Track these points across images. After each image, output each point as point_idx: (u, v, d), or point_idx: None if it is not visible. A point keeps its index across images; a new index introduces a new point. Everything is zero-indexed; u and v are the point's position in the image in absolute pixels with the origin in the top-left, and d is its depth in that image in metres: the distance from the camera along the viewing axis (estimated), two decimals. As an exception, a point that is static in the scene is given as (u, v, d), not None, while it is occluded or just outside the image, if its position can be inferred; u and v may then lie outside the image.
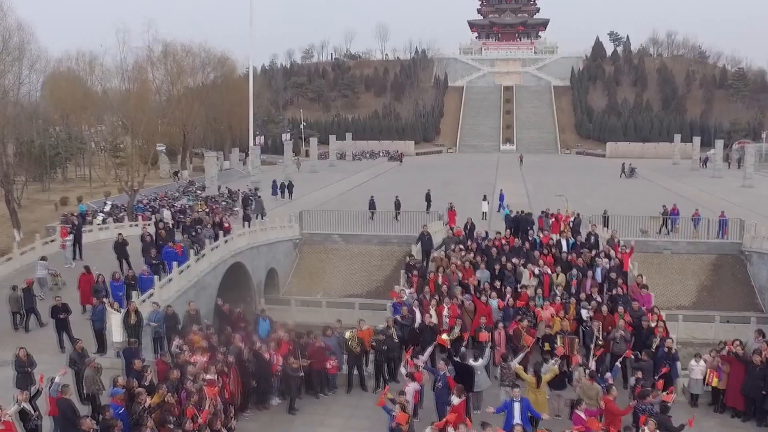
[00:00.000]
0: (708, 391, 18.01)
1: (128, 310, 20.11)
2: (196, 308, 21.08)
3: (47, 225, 44.59)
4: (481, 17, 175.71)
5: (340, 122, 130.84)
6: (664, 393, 15.31)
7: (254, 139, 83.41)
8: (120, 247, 28.38)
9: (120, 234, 29.72)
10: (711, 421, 17.28)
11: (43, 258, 28.43)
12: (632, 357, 17.83)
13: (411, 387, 15.84)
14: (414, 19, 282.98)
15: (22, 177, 53.53)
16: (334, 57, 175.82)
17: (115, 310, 20.68)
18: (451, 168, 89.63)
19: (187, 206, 46.08)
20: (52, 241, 32.89)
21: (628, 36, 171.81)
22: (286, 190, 58.81)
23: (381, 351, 18.53)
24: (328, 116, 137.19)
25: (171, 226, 32.66)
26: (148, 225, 38.85)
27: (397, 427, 13.98)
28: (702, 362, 17.98)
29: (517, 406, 14.17)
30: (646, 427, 13.46)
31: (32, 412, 15.01)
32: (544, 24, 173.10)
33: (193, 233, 30.17)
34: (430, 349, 18.24)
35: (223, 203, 51.12)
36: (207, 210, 46.84)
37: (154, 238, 28.33)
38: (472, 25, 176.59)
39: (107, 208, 48.12)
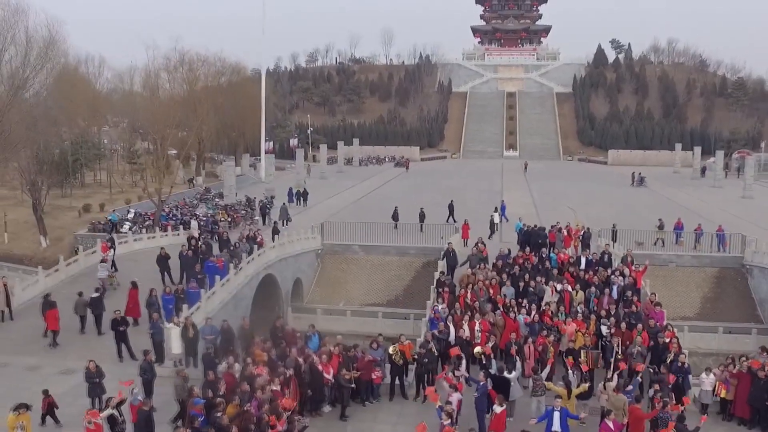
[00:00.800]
0: (717, 401, 19.96)
1: (185, 324, 22.00)
2: (249, 323, 22.99)
3: (77, 233, 46.29)
4: (484, 23, 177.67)
5: (346, 127, 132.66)
6: (680, 405, 17.26)
7: (265, 145, 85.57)
8: (163, 261, 30.35)
9: (162, 248, 31.63)
10: (719, 429, 19.22)
11: (103, 260, 30.56)
12: (650, 371, 19.79)
13: (455, 396, 17.74)
14: (418, 24, 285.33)
15: (45, 184, 55.24)
16: (338, 61, 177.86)
17: (174, 324, 22.50)
18: (458, 175, 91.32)
19: (214, 217, 47.76)
20: (93, 252, 34.72)
21: (629, 44, 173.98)
22: (301, 198, 60.70)
23: (422, 363, 20.49)
24: (334, 121, 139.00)
25: (208, 240, 34.60)
26: (177, 235, 41.14)
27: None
28: (711, 375, 19.93)
29: (557, 415, 16.13)
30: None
31: (119, 417, 16.92)
32: (546, 30, 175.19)
33: (231, 247, 32.12)
34: (464, 363, 20.25)
35: (243, 212, 52.87)
36: (228, 219, 48.84)
37: (194, 253, 30.23)
38: (475, 31, 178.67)
39: (131, 216, 49.93)
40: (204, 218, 47.27)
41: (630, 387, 18.22)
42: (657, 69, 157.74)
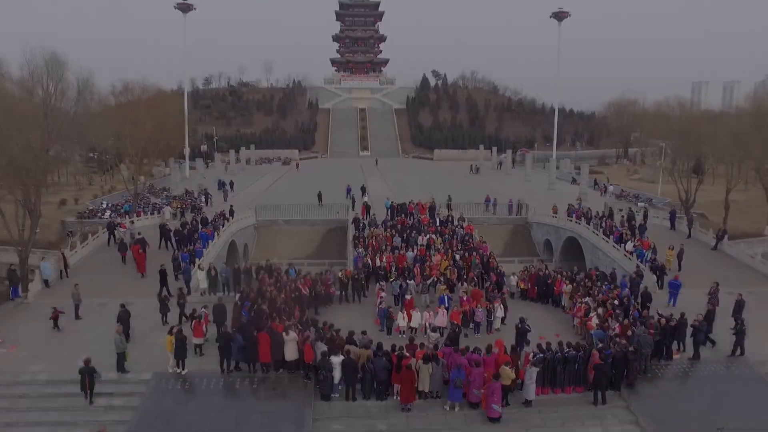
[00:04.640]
0: (519, 290, 28.30)
1: (209, 268, 27.29)
2: (249, 264, 28.70)
3: (66, 220, 48.38)
4: (340, 56, 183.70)
5: (241, 136, 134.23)
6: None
7: (185, 150, 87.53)
8: (166, 232, 34.86)
9: (162, 223, 35.93)
10: (520, 305, 27.36)
11: (132, 221, 35.52)
12: (485, 276, 27.89)
13: (383, 294, 24.75)
14: (291, 55, 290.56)
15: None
16: (229, 84, 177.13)
17: (201, 269, 27.60)
18: (334, 171, 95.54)
19: (170, 205, 51.12)
20: (91, 239, 37.38)
21: (445, 73, 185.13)
22: (230, 187, 64.64)
23: (358, 280, 27.27)
24: (231, 131, 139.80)
25: (196, 218, 39.15)
26: (153, 217, 44.71)
27: (385, 308, 22.83)
28: (515, 277, 28.30)
29: (445, 298, 23.54)
30: (496, 305, 23.31)
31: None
32: (385, 62, 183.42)
33: (214, 222, 37.03)
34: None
35: (189, 200, 56.32)
36: (184, 206, 52.29)
37: (191, 226, 35.13)
38: (333, 62, 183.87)
39: (104, 206, 52.56)
40: (164, 206, 50.64)
41: (473, 283, 26.14)
42: (465, 92, 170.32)
